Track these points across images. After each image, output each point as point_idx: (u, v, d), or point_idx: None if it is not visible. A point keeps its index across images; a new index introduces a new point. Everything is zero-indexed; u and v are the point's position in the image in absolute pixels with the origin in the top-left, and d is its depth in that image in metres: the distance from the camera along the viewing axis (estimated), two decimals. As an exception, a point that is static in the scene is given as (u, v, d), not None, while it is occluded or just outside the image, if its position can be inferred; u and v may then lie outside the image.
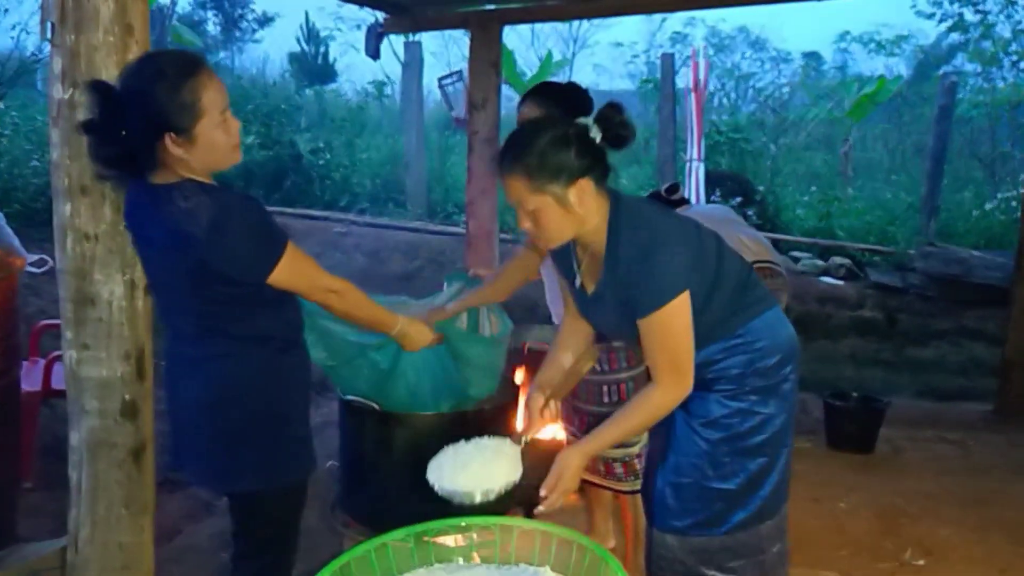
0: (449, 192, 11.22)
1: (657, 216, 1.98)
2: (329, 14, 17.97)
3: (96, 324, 2.00)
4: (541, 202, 1.87)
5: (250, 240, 1.83)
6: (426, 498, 2.51)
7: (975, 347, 6.79)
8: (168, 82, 1.74)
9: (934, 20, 13.84)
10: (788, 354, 2.09)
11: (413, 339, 2.24)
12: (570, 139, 1.87)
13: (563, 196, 1.87)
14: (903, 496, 3.79)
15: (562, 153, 1.86)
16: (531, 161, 1.86)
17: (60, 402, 4.08)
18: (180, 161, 1.79)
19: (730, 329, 2.03)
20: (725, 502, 2.07)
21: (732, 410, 2.04)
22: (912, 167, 13.09)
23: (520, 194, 1.89)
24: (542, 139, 1.87)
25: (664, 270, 1.88)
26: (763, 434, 2.04)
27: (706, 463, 2.06)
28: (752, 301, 2.06)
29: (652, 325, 1.90)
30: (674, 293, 1.87)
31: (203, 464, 2.00)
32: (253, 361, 1.94)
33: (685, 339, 1.91)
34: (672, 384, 1.94)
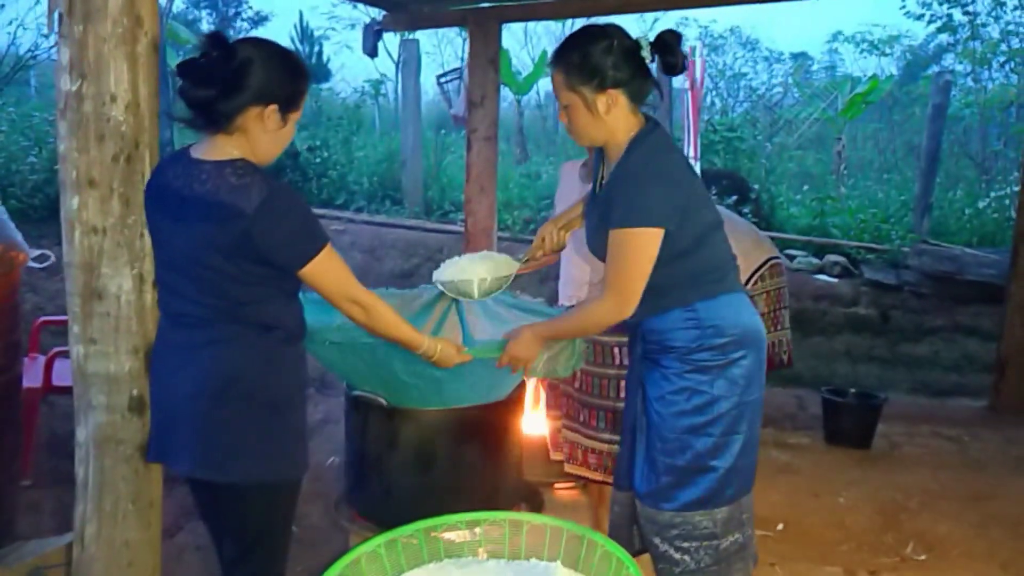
0: (445, 190, 11.22)
1: (677, 158, 2.09)
2: (323, 13, 17.91)
3: (104, 318, 1.98)
4: (571, 99, 2.04)
5: (295, 226, 1.86)
6: (433, 493, 2.52)
7: (969, 344, 6.82)
8: (295, 66, 1.93)
9: (923, 21, 13.92)
10: (742, 339, 2.11)
11: (440, 359, 2.20)
12: (613, 49, 1.98)
13: (592, 101, 2.01)
14: (902, 491, 3.81)
15: (601, 60, 1.98)
16: (571, 59, 2.01)
17: (59, 399, 4.08)
18: (253, 136, 1.88)
19: (686, 300, 2.09)
20: (672, 477, 2.12)
21: (678, 387, 2.10)
22: (904, 166, 13.15)
23: (557, 87, 2.06)
24: (588, 43, 2.00)
25: (653, 198, 1.97)
26: (707, 415, 2.09)
27: (656, 436, 2.13)
28: (717, 280, 2.12)
29: (618, 239, 1.99)
30: (651, 222, 1.96)
31: (196, 453, 1.95)
32: (256, 348, 1.93)
33: (642, 267, 1.99)
34: (613, 301, 2.03)
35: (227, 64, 1.82)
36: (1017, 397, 5.06)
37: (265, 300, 1.92)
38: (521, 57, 16.82)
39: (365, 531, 2.60)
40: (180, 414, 1.96)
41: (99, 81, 1.90)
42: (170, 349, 1.98)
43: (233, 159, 1.86)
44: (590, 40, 2.00)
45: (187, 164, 1.88)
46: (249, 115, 1.86)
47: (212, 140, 1.89)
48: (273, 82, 1.86)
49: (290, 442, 2.02)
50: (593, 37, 2.01)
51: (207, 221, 1.82)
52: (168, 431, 2.00)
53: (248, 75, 1.83)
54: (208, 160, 1.86)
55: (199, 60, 1.82)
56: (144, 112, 1.96)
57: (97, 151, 1.92)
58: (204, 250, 1.85)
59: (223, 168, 1.84)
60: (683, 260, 2.04)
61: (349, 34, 17.28)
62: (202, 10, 19.05)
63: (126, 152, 1.94)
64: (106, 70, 1.90)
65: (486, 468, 2.60)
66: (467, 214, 5.50)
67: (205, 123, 1.87)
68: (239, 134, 1.87)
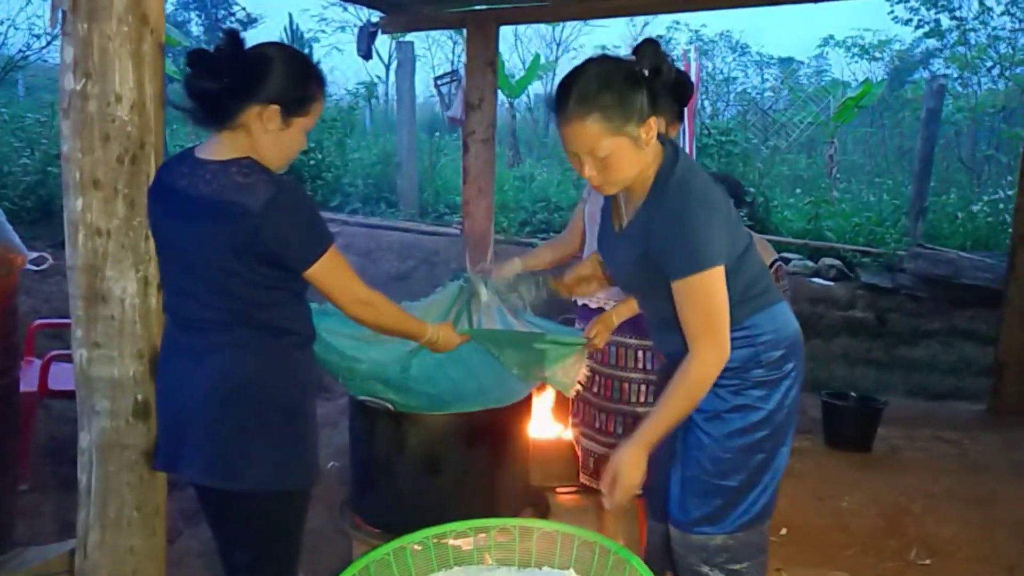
0: (440, 192, 11.20)
1: (708, 183, 1.94)
2: (313, 16, 17.94)
3: (108, 322, 1.95)
4: (617, 144, 1.81)
5: (302, 225, 1.84)
6: (439, 499, 2.50)
7: (965, 347, 6.82)
8: (306, 70, 1.90)
9: (911, 26, 14.00)
10: (792, 349, 2.06)
11: (442, 344, 2.21)
12: (639, 77, 1.81)
13: (637, 135, 1.82)
14: (905, 495, 3.79)
15: (635, 90, 1.80)
16: (607, 101, 1.78)
17: (55, 403, 4.04)
18: (255, 135, 1.84)
19: (736, 319, 1.98)
20: (724, 499, 2.04)
21: (734, 405, 2.01)
22: (896, 170, 13.19)
23: (593, 140, 1.81)
24: (613, 77, 1.80)
25: (705, 234, 1.83)
26: (763, 430, 2.02)
27: (706, 459, 2.04)
28: (759, 293, 2.04)
29: (688, 288, 1.86)
30: (713, 261, 1.84)
31: (206, 460, 1.92)
32: (270, 352, 1.90)
33: (721, 305, 1.87)
34: (710, 348, 1.87)
35: (236, 58, 1.80)
36: (1015, 400, 5.07)
37: (277, 303, 1.89)
38: (512, 60, 16.83)
39: (368, 537, 2.58)
40: (190, 421, 1.93)
41: (104, 80, 1.87)
42: (178, 354, 1.95)
43: (238, 158, 1.83)
44: (609, 76, 1.80)
45: (192, 164, 1.86)
46: (251, 113, 1.83)
47: (217, 140, 1.86)
48: (279, 82, 1.83)
49: (302, 449, 1.99)
50: (608, 72, 1.81)
51: (215, 221, 1.79)
52: (177, 438, 1.96)
53: (255, 72, 1.81)
54: (213, 160, 1.84)
55: (211, 51, 1.80)
56: (149, 112, 1.94)
57: (102, 151, 1.89)
58: (214, 251, 1.82)
59: (228, 167, 1.81)
60: (729, 281, 1.93)
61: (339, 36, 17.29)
62: (191, 12, 18.98)
63: (131, 153, 1.91)
64: (111, 69, 1.87)
65: (493, 473, 2.58)
66: (464, 216, 5.47)
67: (205, 116, 1.85)
68: (242, 132, 1.84)
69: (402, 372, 2.35)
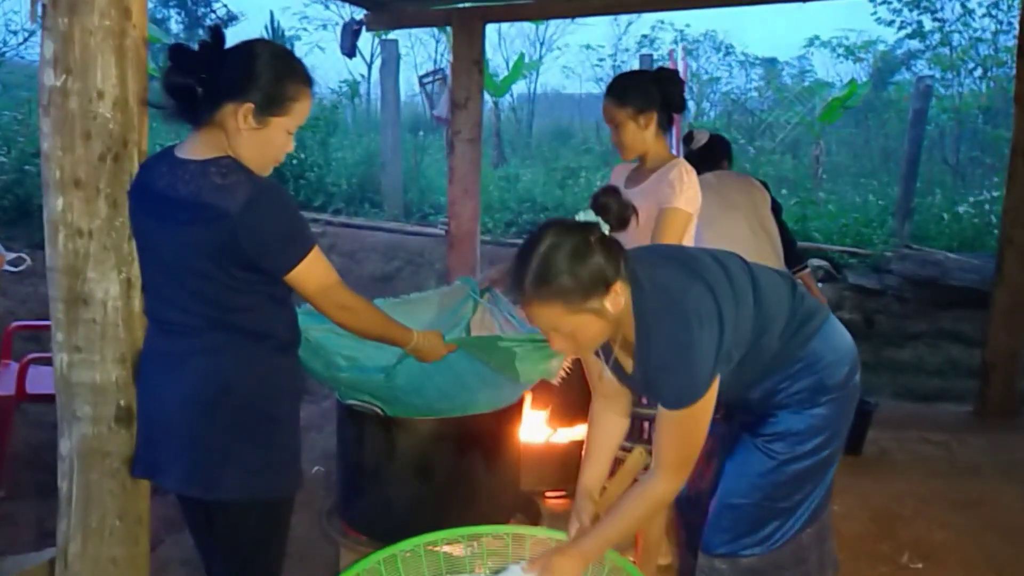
0: (425, 192, 11.15)
1: (680, 291, 1.80)
2: (294, 14, 17.77)
3: (89, 325, 1.90)
4: (580, 322, 1.73)
5: (282, 228, 1.79)
6: (429, 505, 2.46)
7: (952, 348, 6.83)
8: (286, 68, 1.82)
9: (894, 27, 14.12)
10: (854, 363, 2.01)
11: (428, 352, 2.15)
12: (593, 245, 1.71)
13: (601, 308, 1.72)
14: (895, 499, 3.78)
15: (592, 264, 1.70)
16: (565, 283, 1.69)
17: (32, 407, 3.95)
18: (230, 134, 1.79)
19: (791, 358, 1.93)
20: (780, 520, 2.00)
21: (803, 424, 1.95)
22: (882, 171, 13.25)
23: (555, 320, 1.74)
24: (566, 256, 1.70)
25: (694, 364, 1.75)
26: (826, 450, 1.97)
27: (768, 483, 1.98)
28: (805, 320, 1.96)
29: (673, 420, 1.81)
30: (703, 391, 1.77)
31: (186, 468, 1.87)
32: (248, 357, 1.85)
33: (700, 437, 1.84)
34: (671, 480, 1.85)
35: (215, 55, 1.76)
36: (1002, 402, 5.07)
37: (255, 307, 1.84)
38: (496, 59, 16.78)
39: (356, 544, 2.54)
40: (168, 427, 1.88)
41: (85, 76, 1.82)
42: (158, 358, 1.90)
43: (217, 158, 1.78)
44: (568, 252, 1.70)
45: (171, 164, 1.81)
46: (226, 110, 1.78)
47: (196, 138, 1.81)
48: (254, 80, 1.77)
49: (284, 457, 1.95)
50: (566, 246, 1.70)
51: (192, 223, 1.74)
52: (156, 445, 1.91)
53: (231, 69, 1.77)
54: (193, 159, 1.79)
55: (191, 47, 1.76)
56: (132, 109, 1.89)
57: (83, 150, 1.83)
58: (191, 254, 1.77)
59: (207, 167, 1.76)
60: (763, 338, 1.88)
61: (321, 35, 17.18)
62: (171, 9, 18.82)
63: (114, 151, 1.86)
64: (93, 65, 1.82)
65: (483, 479, 2.55)
66: (451, 217, 5.44)
67: (181, 113, 1.80)
68: (219, 131, 1.80)
69: (387, 380, 2.29)
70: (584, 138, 15.76)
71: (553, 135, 16.79)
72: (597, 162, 13.11)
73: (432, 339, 2.16)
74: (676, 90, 2.71)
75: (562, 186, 11.44)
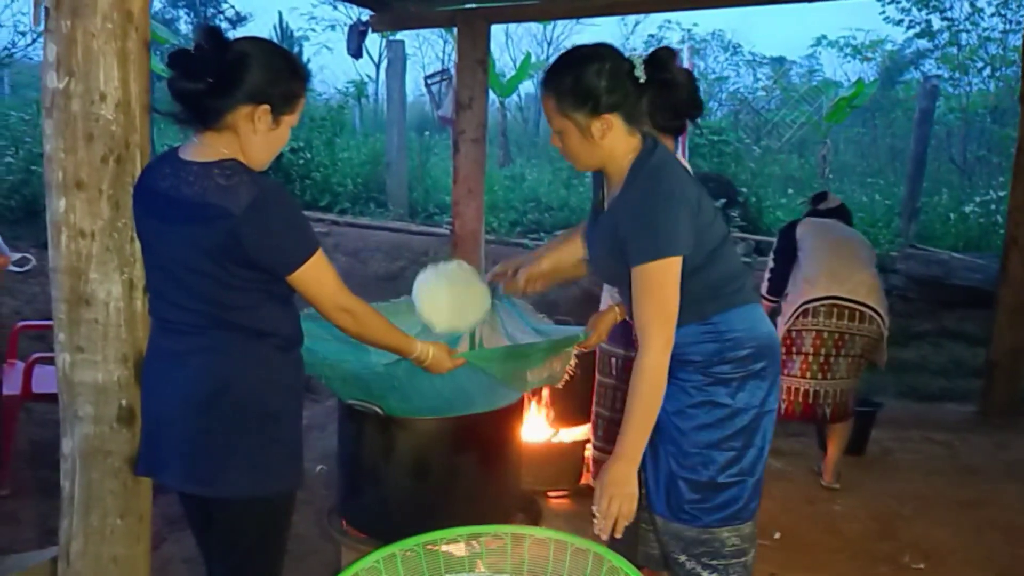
0: (430, 192, 11.16)
1: (680, 174, 1.98)
2: (302, 14, 17.87)
3: (91, 325, 1.90)
4: (564, 125, 1.94)
5: (285, 229, 1.79)
6: (429, 504, 2.46)
7: (956, 348, 6.81)
8: (292, 67, 1.86)
9: (902, 27, 14.07)
10: (762, 350, 2.06)
11: (433, 365, 2.15)
12: (605, 72, 1.88)
13: (585, 126, 1.91)
14: (896, 498, 3.78)
15: (592, 84, 1.88)
16: (562, 84, 1.90)
17: (37, 406, 3.98)
18: (244, 136, 1.80)
19: (704, 314, 2.01)
20: (696, 493, 2.05)
21: (697, 400, 2.03)
22: (888, 170, 13.22)
23: (549, 113, 1.95)
24: (579, 66, 1.90)
25: (665, 224, 1.88)
26: (728, 428, 2.02)
27: (676, 452, 2.06)
28: (732, 292, 2.05)
29: (643, 275, 1.90)
30: (670, 251, 1.88)
31: (186, 465, 1.88)
32: (249, 355, 1.86)
33: (671, 296, 1.90)
34: (658, 336, 1.90)
35: (221, 58, 1.75)
36: (1006, 402, 5.06)
37: (256, 306, 1.84)
38: (503, 59, 16.81)
39: (357, 543, 2.55)
40: (169, 425, 1.89)
41: (88, 78, 1.82)
42: (160, 356, 1.91)
43: (222, 159, 1.79)
44: (581, 63, 1.91)
45: (175, 165, 1.81)
46: (240, 114, 1.78)
47: (201, 140, 1.82)
48: (267, 81, 1.79)
49: (284, 454, 1.95)
50: (584, 59, 1.91)
51: (194, 223, 1.75)
52: (157, 442, 1.92)
53: (242, 71, 1.76)
54: (196, 161, 1.79)
55: (192, 51, 1.75)
56: (135, 111, 1.89)
57: (85, 151, 1.84)
58: (191, 253, 1.78)
59: (211, 169, 1.77)
60: (697, 276, 1.97)
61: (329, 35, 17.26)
62: (180, 9, 18.88)
63: (116, 153, 1.87)
64: (95, 67, 1.82)
65: (484, 478, 2.55)
66: (455, 216, 5.44)
67: (192, 118, 1.80)
68: (229, 133, 1.80)
69: (387, 370, 2.29)
70: (590, 138, 15.71)
71: (559, 135, 16.76)
72: (603, 162, 13.09)
73: (438, 351, 2.15)
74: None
75: (567, 186, 11.44)
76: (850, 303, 3.61)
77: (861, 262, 3.74)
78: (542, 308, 2.69)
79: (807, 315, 3.60)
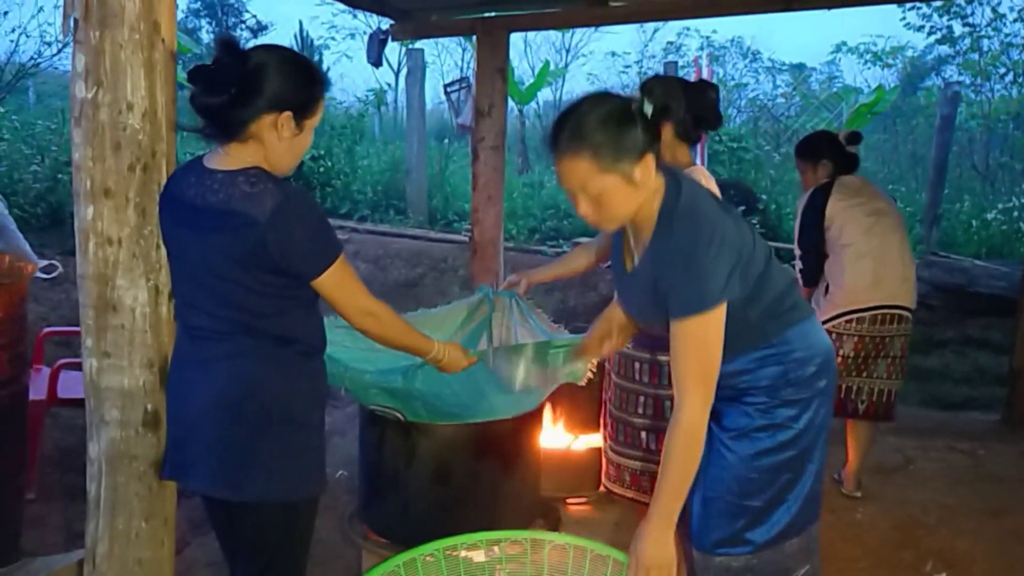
0: (449, 199, 11.19)
1: (713, 211, 1.87)
2: (323, 23, 17.99)
3: (118, 331, 1.93)
4: (608, 183, 1.77)
5: (309, 234, 1.82)
6: (450, 510, 2.48)
7: (979, 356, 6.75)
8: (310, 71, 1.89)
9: (923, 32, 13.99)
10: (824, 366, 2.01)
11: (449, 364, 2.18)
12: (634, 114, 1.77)
13: (631, 174, 1.77)
14: (918, 507, 3.76)
15: (629, 128, 1.76)
16: (598, 139, 1.75)
17: (62, 411, 4.03)
18: (269, 144, 1.83)
19: (765, 338, 1.96)
20: (748, 519, 1.99)
21: (763, 423, 1.97)
22: (909, 177, 13.13)
23: (584, 177, 1.77)
24: (606, 115, 1.77)
25: (708, 275, 1.79)
26: (792, 449, 1.97)
27: (732, 478, 1.99)
28: (788, 309, 1.99)
29: (686, 330, 1.81)
30: (714, 302, 1.79)
31: (211, 470, 1.91)
32: (274, 361, 1.89)
33: (714, 350, 1.82)
34: (698, 395, 1.81)
35: (240, 69, 1.78)
36: (1030, 410, 5.01)
37: (282, 312, 1.87)
38: (522, 67, 16.84)
39: (378, 548, 2.56)
40: (195, 429, 1.92)
41: (115, 88, 1.85)
42: (186, 362, 1.94)
43: (246, 168, 1.82)
44: (604, 112, 1.77)
45: (200, 174, 1.84)
46: (263, 123, 1.81)
47: (225, 149, 1.84)
48: (288, 88, 1.82)
49: (308, 459, 1.97)
50: (599, 107, 1.78)
51: (221, 231, 1.78)
52: (183, 447, 1.95)
53: (262, 81, 1.79)
54: (221, 169, 1.82)
55: (211, 65, 1.78)
56: (161, 120, 1.92)
57: (113, 160, 1.87)
58: (219, 261, 1.81)
59: (236, 177, 1.80)
60: (751, 304, 1.90)
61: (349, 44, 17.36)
62: (202, 19, 19.07)
63: (142, 161, 1.89)
64: (123, 77, 1.85)
65: (504, 484, 2.56)
66: (474, 223, 5.45)
67: (217, 131, 1.83)
68: (253, 142, 1.83)
69: (405, 382, 2.31)
70: (609, 145, 15.70)
71: (578, 142, 16.76)
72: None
73: (453, 350, 2.19)
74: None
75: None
76: (892, 309, 3.59)
77: (900, 252, 3.65)
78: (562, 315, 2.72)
79: (851, 322, 3.58)
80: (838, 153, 3.76)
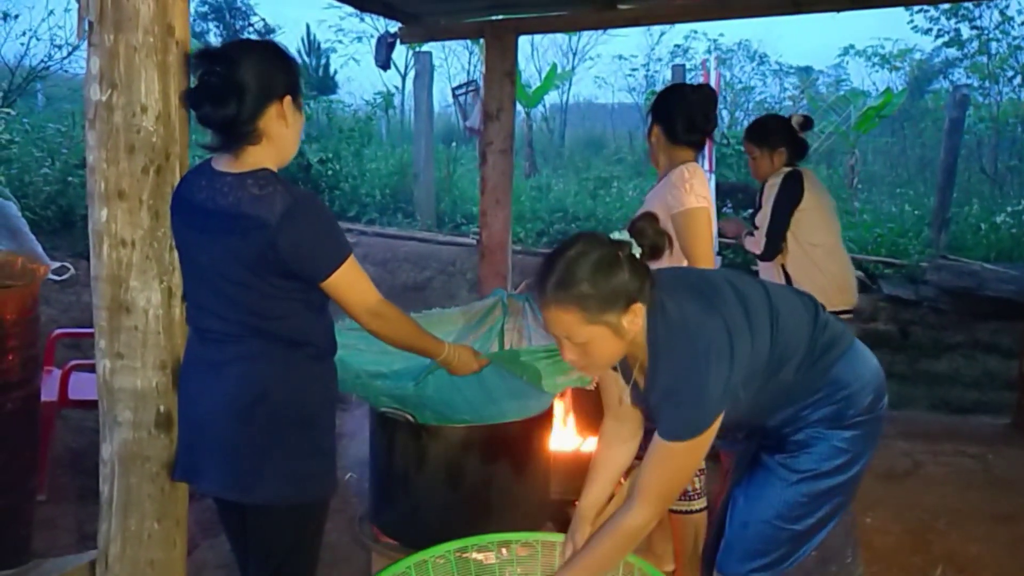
0: (457, 202, 11.20)
1: (697, 325, 1.77)
2: (330, 27, 18.11)
3: (131, 333, 1.94)
4: (595, 333, 1.72)
5: (319, 235, 1.83)
6: (460, 512, 2.48)
7: (988, 360, 6.73)
8: (286, 51, 1.91)
9: (931, 35, 13.97)
10: (879, 389, 1.96)
11: (460, 366, 2.18)
12: (620, 261, 1.71)
13: (618, 324, 1.71)
14: (929, 511, 3.74)
15: (616, 278, 1.70)
16: (585, 290, 1.68)
17: (73, 413, 4.05)
18: (276, 136, 1.85)
19: (810, 388, 1.90)
20: (791, 545, 1.96)
21: (823, 447, 1.91)
22: (917, 180, 13.10)
23: (570, 327, 1.72)
24: (595, 264, 1.70)
25: (698, 402, 1.73)
26: (846, 474, 1.93)
27: (781, 503, 1.94)
28: (826, 348, 1.91)
29: (667, 450, 1.78)
30: (707, 425, 1.75)
31: (223, 472, 1.92)
32: (284, 364, 1.89)
33: (689, 472, 1.87)
34: (650, 512, 1.82)
35: (235, 75, 1.79)
36: (1040, 415, 4.99)
37: (292, 315, 1.88)
38: (529, 70, 16.87)
39: (388, 550, 2.57)
40: (207, 432, 1.93)
41: (129, 91, 1.86)
42: (198, 365, 1.95)
43: (255, 170, 1.83)
44: (593, 261, 1.70)
45: (210, 177, 1.86)
46: (269, 116, 1.84)
47: (235, 152, 1.86)
48: (278, 73, 1.86)
49: (319, 461, 1.98)
50: (593, 255, 1.71)
51: (231, 234, 1.79)
52: (195, 449, 1.96)
53: (257, 76, 1.81)
54: (230, 172, 1.84)
55: (208, 82, 1.79)
56: (174, 123, 1.93)
57: (127, 162, 1.88)
58: (229, 264, 1.82)
59: (245, 180, 1.81)
60: (778, 374, 1.85)
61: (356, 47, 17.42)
62: (210, 22, 19.15)
63: (156, 163, 1.90)
64: (137, 80, 1.86)
65: (514, 486, 2.56)
66: (482, 227, 5.45)
67: (233, 140, 1.84)
68: (264, 140, 1.85)
69: (417, 389, 2.32)
70: (616, 148, 15.77)
71: (585, 145, 16.82)
72: (629, 172, 13.11)
73: (464, 353, 2.19)
74: None
75: (594, 196, 11.44)
76: (849, 313, 3.64)
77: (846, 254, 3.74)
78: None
79: None
80: (793, 139, 3.66)
